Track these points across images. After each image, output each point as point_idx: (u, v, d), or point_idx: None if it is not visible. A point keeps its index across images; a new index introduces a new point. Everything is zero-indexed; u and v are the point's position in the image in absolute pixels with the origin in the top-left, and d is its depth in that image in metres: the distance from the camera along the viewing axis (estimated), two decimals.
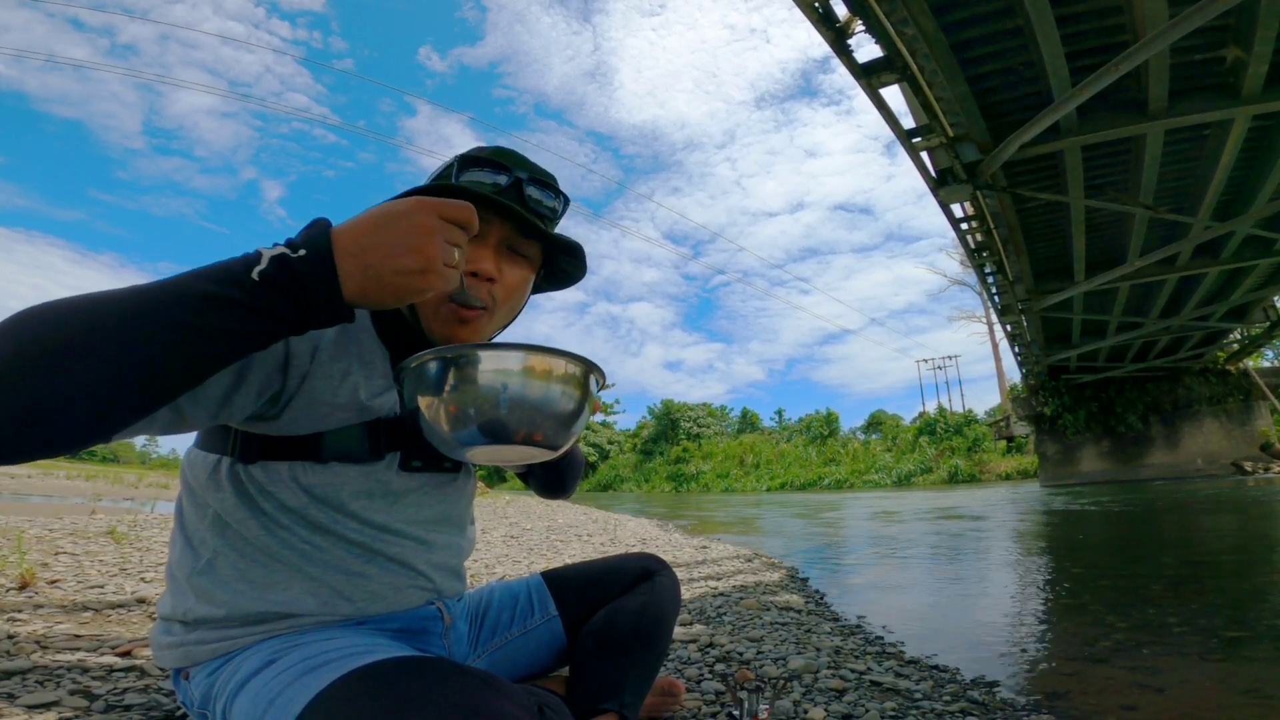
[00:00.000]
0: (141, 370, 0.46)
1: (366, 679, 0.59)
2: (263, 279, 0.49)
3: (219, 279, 0.49)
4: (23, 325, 0.45)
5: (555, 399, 0.61)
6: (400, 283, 0.54)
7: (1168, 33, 3.89)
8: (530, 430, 0.61)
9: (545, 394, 0.61)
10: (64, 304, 0.47)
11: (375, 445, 0.77)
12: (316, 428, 0.74)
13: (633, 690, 0.95)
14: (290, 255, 0.51)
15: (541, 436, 0.62)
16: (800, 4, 4.09)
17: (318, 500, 0.75)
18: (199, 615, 0.73)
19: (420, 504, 0.84)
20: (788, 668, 1.69)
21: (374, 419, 0.77)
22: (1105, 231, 7.91)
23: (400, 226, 0.53)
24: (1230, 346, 14.90)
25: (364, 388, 0.77)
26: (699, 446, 41.97)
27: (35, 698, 1.18)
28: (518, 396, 0.59)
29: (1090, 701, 1.50)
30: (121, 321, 0.45)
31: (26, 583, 2.35)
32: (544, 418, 0.61)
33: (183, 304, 0.47)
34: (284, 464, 0.74)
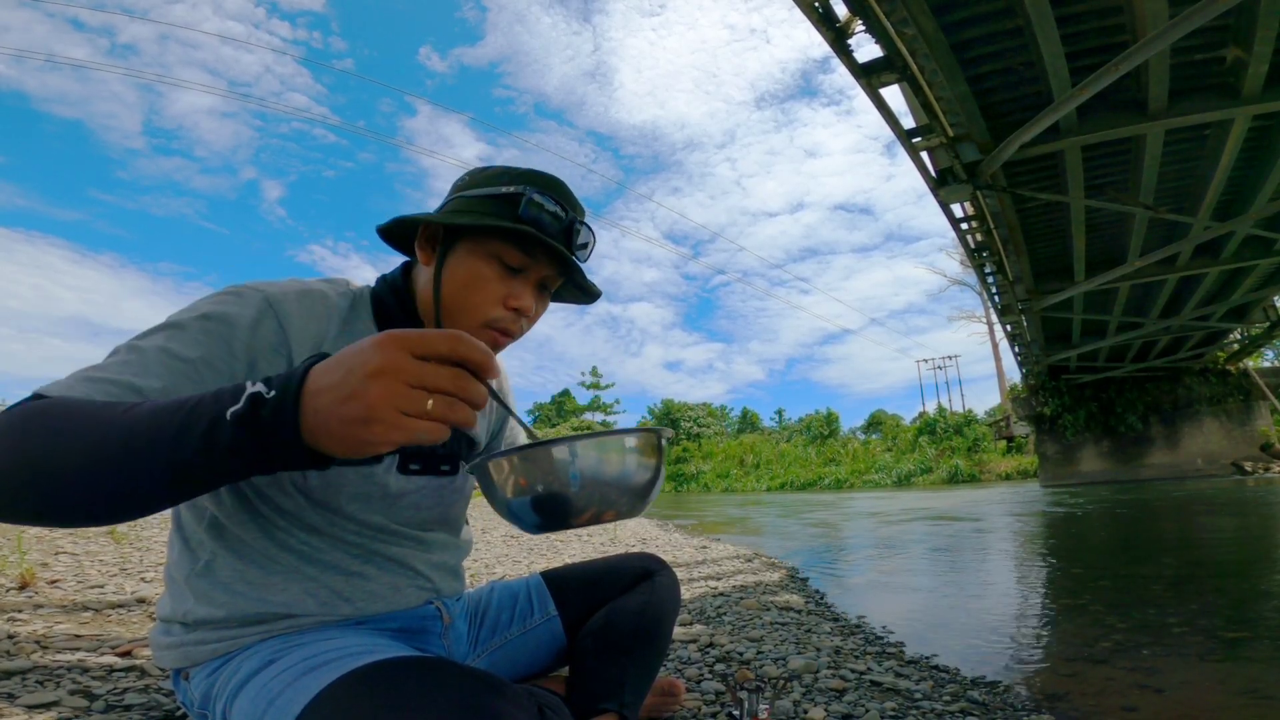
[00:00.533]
0: (133, 496, 0.48)
1: (366, 679, 0.59)
2: (234, 418, 0.46)
3: (196, 419, 0.47)
4: (29, 438, 0.48)
5: (634, 477, 0.63)
6: (344, 433, 0.45)
7: (1168, 33, 3.89)
8: (613, 509, 0.63)
9: (625, 475, 0.62)
10: (66, 425, 0.48)
11: None
12: None
13: (633, 690, 0.95)
14: (263, 395, 0.47)
15: (619, 511, 0.64)
16: (800, 4, 4.09)
17: (315, 503, 0.75)
18: (198, 616, 0.73)
19: (418, 505, 0.84)
20: (788, 668, 1.69)
21: None
22: (1105, 231, 7.91)
23: (351, 364, 0.45)
24: (1230, 346, 14.89)
25: None
26: (699, 446, 41.97)
27: (35, 698, 1.18)
28: (599, 483, 0.61)
29: (1090, 702, 1.50)
30: (114, 457, 0.47)
31: (26, 582, 2.35)
32: (624, 494, 0.63)
33: (170, 445, 0.47)
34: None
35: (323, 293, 0.76)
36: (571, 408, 59.55)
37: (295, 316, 0.72)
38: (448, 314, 0.78)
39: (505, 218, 0.76)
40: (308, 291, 0.75)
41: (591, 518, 0.62)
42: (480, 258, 0.77)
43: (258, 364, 0.69)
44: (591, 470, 0.60)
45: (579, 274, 0.83)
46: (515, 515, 0.61)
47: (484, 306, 0.77)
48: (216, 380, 0.65)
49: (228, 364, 0.66)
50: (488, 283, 0.77)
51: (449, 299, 0.77)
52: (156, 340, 0.64)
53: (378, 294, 0.83)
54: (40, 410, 0.50)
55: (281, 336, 0.71)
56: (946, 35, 4.44)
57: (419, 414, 0.45)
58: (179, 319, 0.67)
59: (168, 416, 0.47)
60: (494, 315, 0.78)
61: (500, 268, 0.77)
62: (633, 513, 0.64)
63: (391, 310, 0.81)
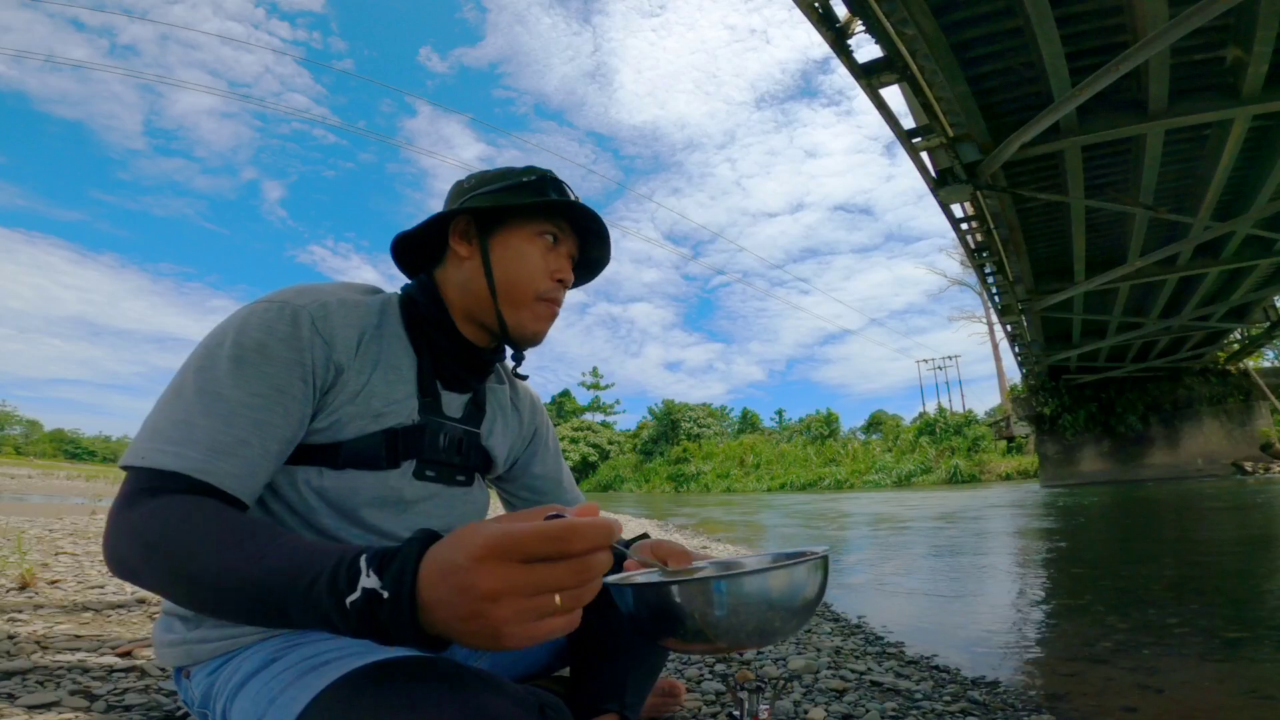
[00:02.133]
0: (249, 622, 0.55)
1: (367, 678, 0.59)
2: (354, 609, 0.46)
3: (316, 602, 0.48)
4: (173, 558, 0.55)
5: (809, 599, 0.66)
6: (476, 643, 0.44)
7: (1167, 33, 3.89)
8: (785, 632, 0.67)
9: (798, 600, 0.65)
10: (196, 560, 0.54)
11: (392, 453, 0.78)
12: (337, 437, 0.75)
13: (634, 691, 0.95)
14: (379, 593, 0.45)
15: (789, 631, 0.68)
16: (800, 4, 4.09)
17: (330, 505, 0.75)
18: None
19: (430, 514, 0.84)
20: (788, 668, 1.69)
21: (392, 427, 0.78)
22: (1105, 231, 7.91)
23: (460, 584, 0.42)
24: (1230, 346, 14.88)
25: (383, 397, 0.78)
26: (699, 447, 41.97)
27: (36, 698, 1.18)
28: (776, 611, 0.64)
29: (1090, 702, 1.50)
30: (242, 607, 0.53)
31: (27, 583, 2.35)
32: (796, 616, 0.66)
33: (295, 614, 0.50)
34: (298, 468, 0.74)
35: (354, 301, 0.79)
36: (571, 408, 59.56)
37: (336, 328, 0.74)
38: (503, 295, 0.82)
39: (536, 199, 0.83)
40: (342, 301, 0.77)
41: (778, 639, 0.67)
42: (523, 238, 0.83)
43: (317, 381, 0.72)
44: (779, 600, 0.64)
45: (599, 244, 0.92)
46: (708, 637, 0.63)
47: (536, 280, 0.83)
48: (295, 406, 0.70)
49: (300, 389, 0.70)
50: (535, 258, 0.84)
51: (502, 280, 0.82)
52: (228, 383, 0.66)
53: (407, 297, 0.86)
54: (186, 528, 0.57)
55: (327, 351, 0.73)
56: (946, 35, 4.44)
57: (548, 614, 0.43)
58: (235, 352, 0.68)
59: (289, 587, 0.50)
60: (545, 288, 0.84)
61: (544, 243, 0.84)
62: (800, 629, 0.69)
63: (423, 310, 0.84)
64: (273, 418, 0.67)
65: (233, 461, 0.64)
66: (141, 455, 0.63)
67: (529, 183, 0.84)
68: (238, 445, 0.64)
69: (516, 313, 0.83)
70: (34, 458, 65.90)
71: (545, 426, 1.06)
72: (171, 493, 0.61)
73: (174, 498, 0.60)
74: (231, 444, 0.64)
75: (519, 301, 0.83)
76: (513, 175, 0.86)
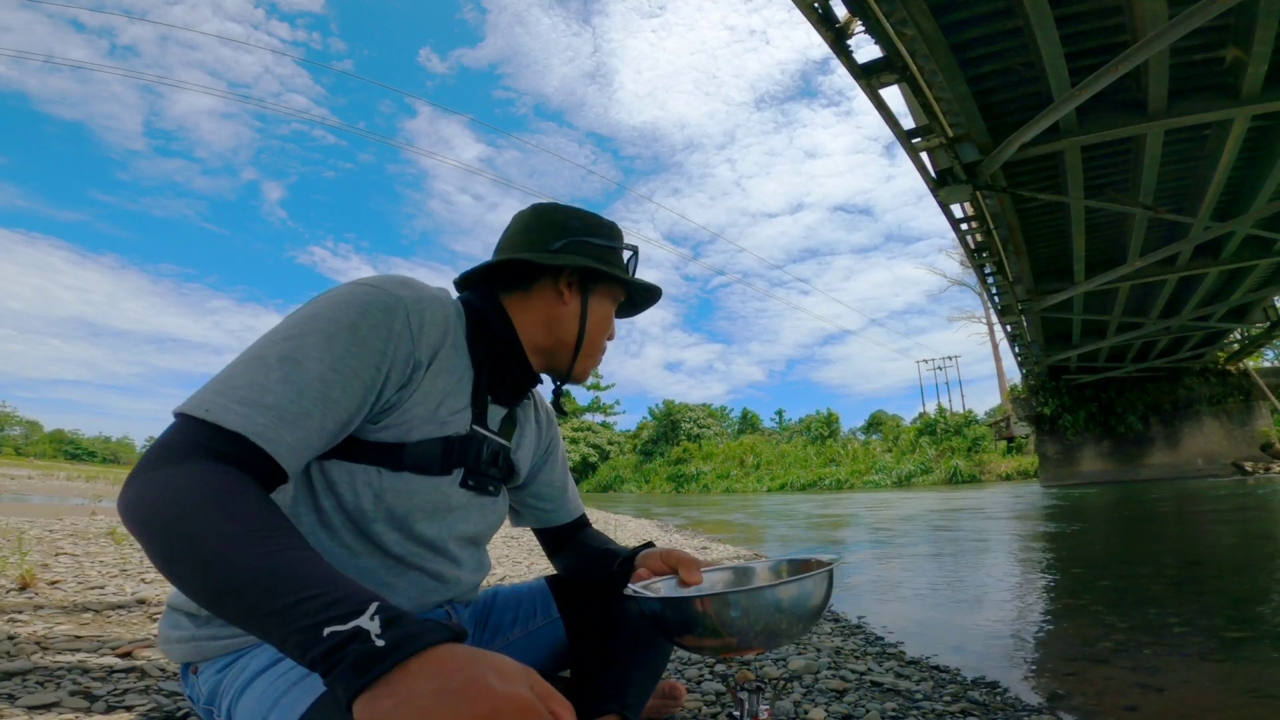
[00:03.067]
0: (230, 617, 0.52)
1: None
2: (330, 637, 0.46)
3: (293, 614, 0.47)
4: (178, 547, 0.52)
5: (815, 608, 0.78)
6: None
7: (1167, 33, 3.89)
8: (793, 635, 0.78)
9: (806, 609, 0.77)
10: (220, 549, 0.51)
11: (447, 460, 0.80)
12: (402, 438, 0.75)
13: (635, 693, 0.95)
14: (373, 639, 0.46)
15: (797, 635, 0.79)
16: (800, 5, 4.09)
17: (384, 506, 0.76)
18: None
19: (464, 520, 0.87)
20: (788, 668, 1.69)
21: (451, 434, 0.80)
22: (1105, 232, 7.91)
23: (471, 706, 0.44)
24: (1230, 346, 14.88)
25: (449, 406, 0.79)
26: (699, 447, 41.95)
27: (36, 699, 1.18)
28: (785, 618, 0.75)
29: (1091, 702, 1.50)
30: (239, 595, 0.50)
31: (27, 584, 2.35)
32: (803, 622, 0.77)
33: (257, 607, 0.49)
34: (359, 466, 0.74)
35: (439, 299, 0.80)
36: (571, 408, 59.52)
37: (426, 326, 0.75)
38: (586, 349, 0.93)
39: (618, 267, 0.94)
40: (436, 299, 0.78)
41: (784, 642, 0.79)
42: (609, 300, 0.95)
43: (392, 374, 0.72)
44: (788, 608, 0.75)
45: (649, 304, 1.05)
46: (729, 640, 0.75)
47: (605, 339, 0.97)
48: (368, 394, 0.70)
49: (372, 376, 0.70)
50: (610, 321, 0.97)
51: (590, 334, 0.93)
52: (314, 355, 0.66)
53: (478, 311, 0.87)
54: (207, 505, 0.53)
55: (411, 347, 0.74)
56: (946, 35, 4.44)
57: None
58: (327, 327, 0.68)
59: (279, 589, 0.49)
60: (606, 346, 0.98)
61: (613, 309, 0.97)
62: (803, 635, 0.84)
63: (496, 329, 0.86)
64: (341, 397, 0.67)
65: (294, 432, 0.63)
66: (206, 408, 0.60)
67: (618, 249, 0.95)
68: (302, 417, 0.64)
69: (585, 361, 0.94)
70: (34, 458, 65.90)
71: (558, 438, 1.11)
72: (220, 456, 0.58)
73: (229, 469, 0.57)
74: (298, 415, 0.64)
75: (590, 353, 0.94)
76: (615, 236, 0.96)
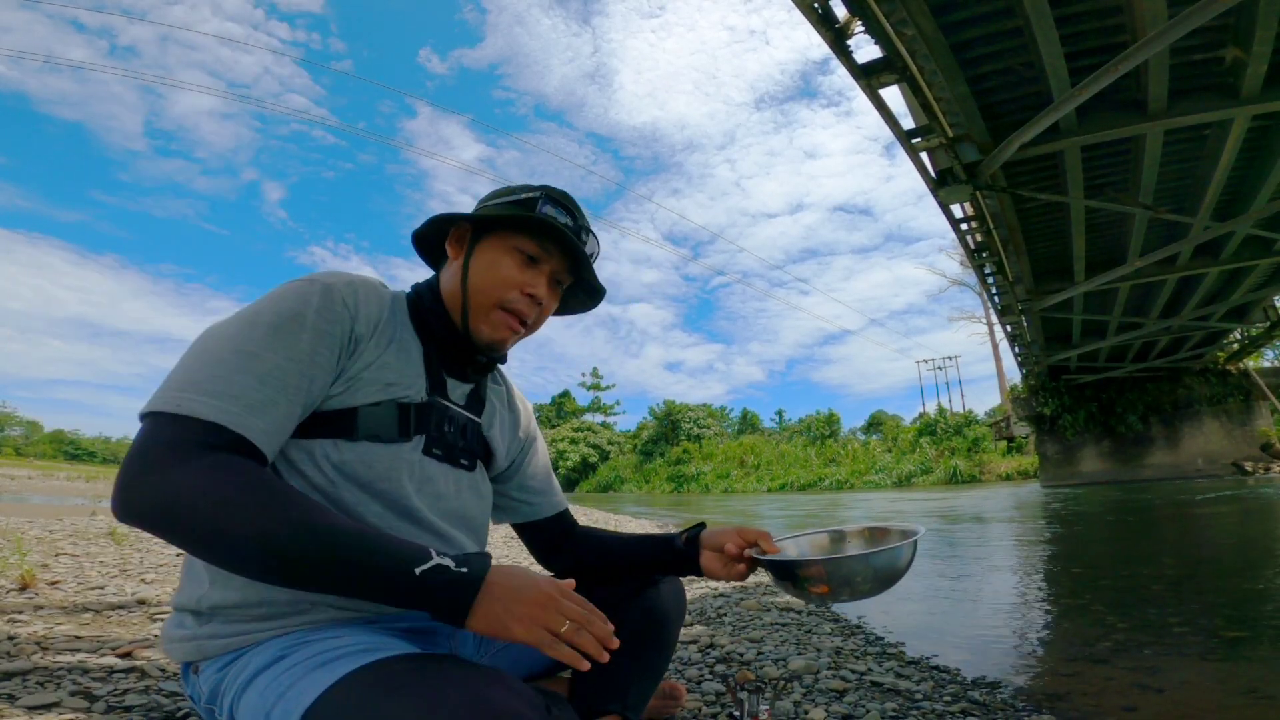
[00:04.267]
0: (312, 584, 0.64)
1: (375, 674, 0.60)
2: (423, 575, 0.62)
3: (388, 567, 0.62)
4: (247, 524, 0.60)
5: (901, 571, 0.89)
6: (503, 619, 0.63)
7: (1167, 33, 3.89)
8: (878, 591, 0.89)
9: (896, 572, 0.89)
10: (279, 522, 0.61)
11: (404, 426, 0.82)
12: (350, 402, 0.78)
13: (637, 693, 0.95)
14: (451, 567, 0.63)
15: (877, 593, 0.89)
16: (800, 5, 4.08)
17: (347, 477, 0.77)
18: (214, 602, 0.73)
19: (442, 494, 0.87)
20: (788, 668, 1.69)
21: (403, 400, 0.82)
22: (1105, 232, 7.90)
23: (530, 595, 0.64)
24: (1230, 346, 14.87)
25: (396, 370, 0.82)
26: (699, 447, 41.94)
27: (36, 699, 1.18)
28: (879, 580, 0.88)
29: (1091, 702, 1.50)
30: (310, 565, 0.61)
31: (27, 584, 2.35)
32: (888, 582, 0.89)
33: (353, 568, 0.62)
34: (316, 441, 0.76)
35: (377, 284, 0.86)
36: (571, 408, 59.56)
37: (362, 304, 0.80)
38: (470, 297, 0.87)
39: (506, 211, 0.87)
40: (366, 282, 0.84)
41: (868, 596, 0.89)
42: (502, 250, 0.88)
43: (342, 353, 0.78)
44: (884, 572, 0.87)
45: (587, 269, 0.92)
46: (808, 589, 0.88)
47: (500, 288, 0.87)
48: (320, 374, 0.74)
49: (325, 359, 0.75)
50: (506, 268, 0.87)
51: (473, 285, 0.87)
52: (266, 346, 0.71)
53: (414, 292, 0.93)
54: (268, 492, 0.62)
55: (352, 324, 0.79)
56: (946, 35, 4.44)
57: (554, 631, 0.63)
58: (272, 320, 0.72)
59: (359, 559, 0.62)
60: (509, 298, 0.87)
61: (519, 258, 0.88)
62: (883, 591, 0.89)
63: (426, 304, 0.90)
64: (301, 382, 0.72)
65: (264, 418, 0.68)
66: (178, 403, 0.64)
67: (524, 199, 0.89)
68: (268, 404, 0.68)
69: (476, 319, 0.88)
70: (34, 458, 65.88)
71: (537, 431, 1.12)
72: (214, 448, 0.63)
73: (231, 458, 0.64)
74: (263, 402, 0.68)
75: (480, 307, 0.87)
76: (519, 192, 0.90)
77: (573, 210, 0.91)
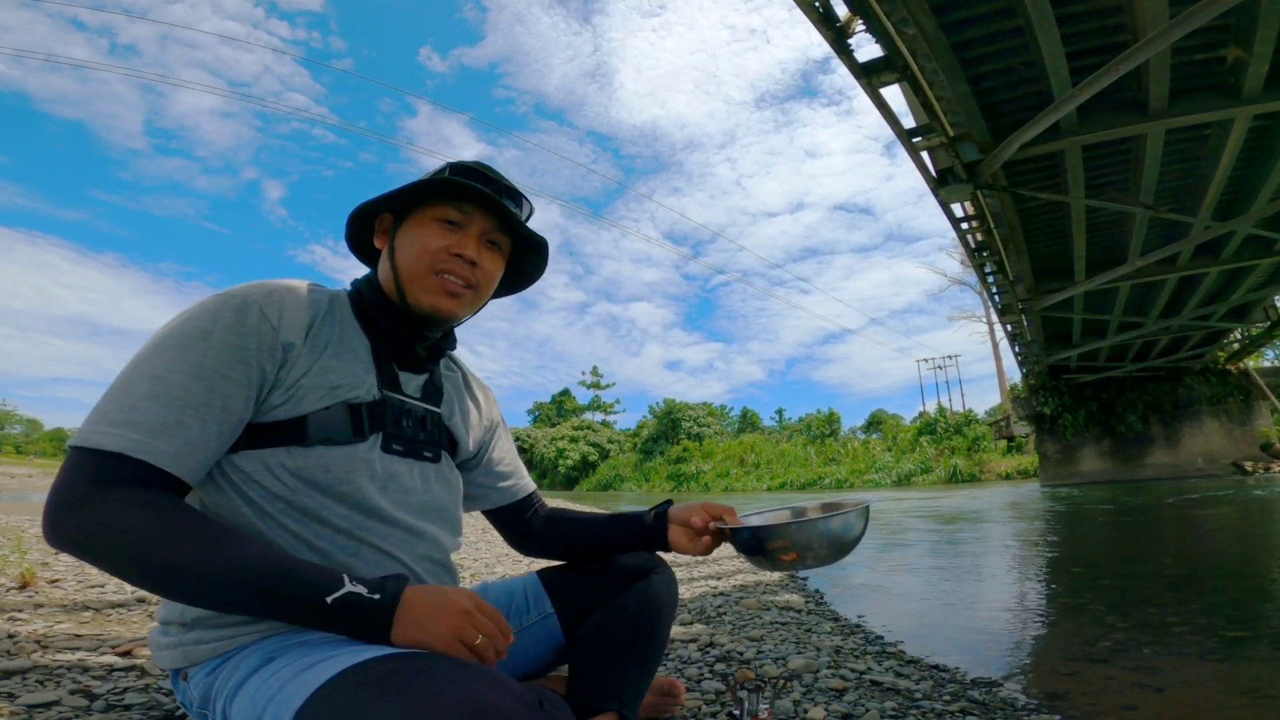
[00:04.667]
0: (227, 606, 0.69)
1: (367, 673, 0.59)
2: (334, 604, 0.65)
3: (301, 595, 0.65)
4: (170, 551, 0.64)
5: (857, 537, 0.95)
6: (418, 636, 0.66)
7: (1168, 33, 3.89)
8: (837, 556, 0.94)
9: (852, 538, 0.94)
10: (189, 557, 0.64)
11: (358, 426, 0.81)
12: (297, 411, 0.77)
13: (632, 690, 0.95)
14: (363, 595, 0.66)
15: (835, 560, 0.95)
16: (800, 4, 4.08)
17: (305, 483, 0.76)
18: (196, 614, 0.73)
19: (407, 490, 0.86)
20: (788, 667, 1.69)
21: (353, 400, 0.81)
22: (1105, 231, 7.90)
23: (445, 614, 0.67)
24: (1230, 346, 14.87)
25: (340, 372, 0.81)
26: (699, 446, 41.93)
27: (35, 697, 1.18)
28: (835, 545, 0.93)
29: (1090, 701, 1.50)
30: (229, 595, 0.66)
31: (27, 582, 2.35)
32: (845, 551, 0.95)
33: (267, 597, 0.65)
34: (268, 451, 0.75)
35: (304, 289, 0.84)
36: (571, 407, 59.57)
37: (286, 311, 0.79)
38: (401, 274, 0.87)
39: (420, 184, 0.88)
40: (291, 289, 0.82)
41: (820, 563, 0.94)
42: (423, 223, 0.88)
43: (265, 365, 0.75)
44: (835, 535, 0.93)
45: (517, 222, 0.91)
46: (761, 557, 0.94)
47: (428, 256, 0.86)
48: (236, 389, 0.73)
49: (242, 373, 0.73)
50: (429, 237, 0.87)
51: (401, 260, 0.87)
52: (172, 367, 0.70)
53: (355, 288, 0.93)
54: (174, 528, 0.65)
55: (274, 334, 0.77)
56: (947, 35, 4.44)
57: (469, 642, 0.67)
58: (179, 340, 0.72)
59: (275, 584, 0.65)
60: (439, 262, 0.87)
61: (441, 226, 0.88)
62: (835, 561, 0.95)
63: (366, 297, 0.90)
64: (212, 399, 0.71)
65: (170, 441, 0.68)
66: (85, 436, 0.66)
67: (434, 173, 0.90)
68: (175, 426, 0.68)
69: (412, 291, 0.87)
70: (34, 457, 65.92)
71: (500, 416, 1.12)
72: (125, 482, 0.65)
73: (142, 492, 0.66)
74: (169, 424, 0.68)
75: (412, 277, 0.87)
76: (466, 162, 0.92)
77: (487, 174, 0.92)
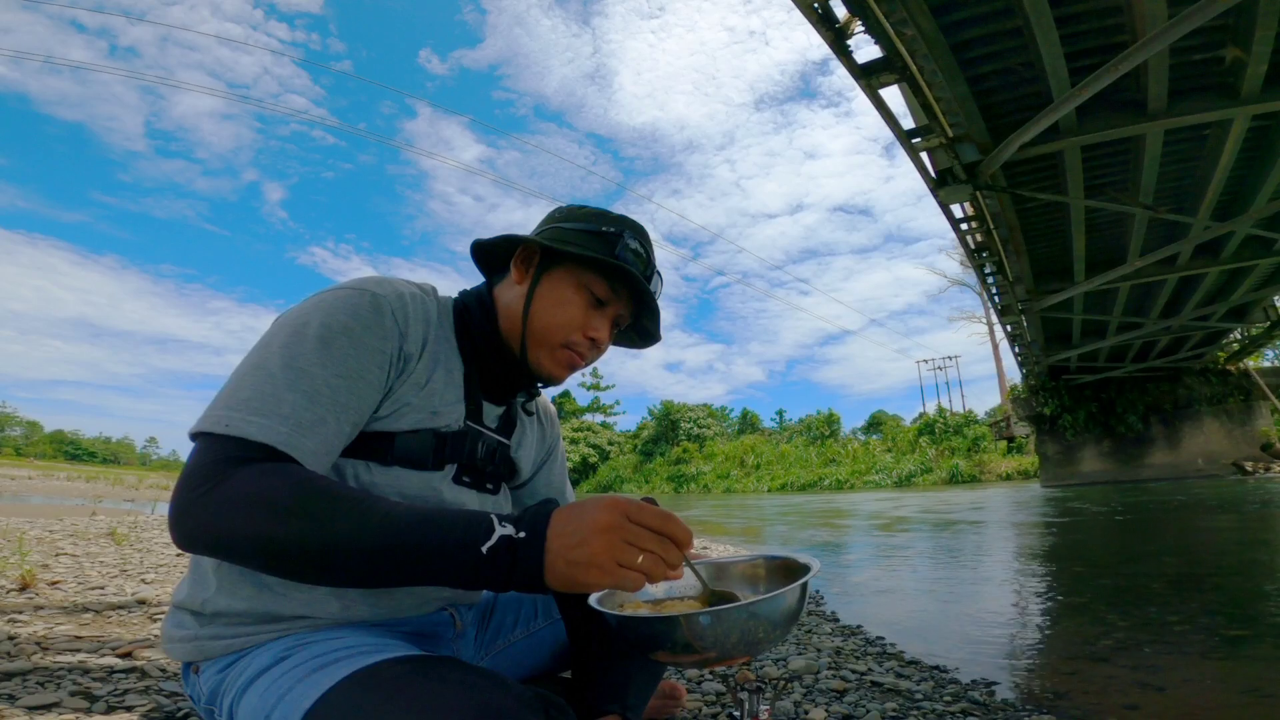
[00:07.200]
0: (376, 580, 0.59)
1: (375, 676, 0.60)
2: (489, 553, 0.56)
3: (454, 547, 0.57)
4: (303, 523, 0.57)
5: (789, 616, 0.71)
6: (567, 573, 0.56)
7: (1167, 33, 3.89)
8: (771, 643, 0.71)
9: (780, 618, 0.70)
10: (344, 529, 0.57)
11: (439, 455, 0.80)
12: (391, 427, 0.76)
13: (637, 693, 0.95)
14: (513, 537, 0.57)
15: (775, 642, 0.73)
16: (800, 4, 4.08)
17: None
18: (217, 607, 0.72)
19: None
20: (788, 668, 1.69)
21: (441, 429, 0.80)
22: (1105, 231, 7.90)
23: (584, 518, 0.57)
24: (1230, 346, 14.86)
25: (440, 396, 0.80)
26: (699, 447, 41.92)
27: (36, 699, 1.18)
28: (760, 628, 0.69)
29: (1091, 701, 1.50)
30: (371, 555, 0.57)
31: (27, 584, 2.35)
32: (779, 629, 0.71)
33: (420, 554, 0.57)
34: (348, 461, 0.75)
35: (422, 297, 0.82)
36: (571, 408, 59.54)
37: (411, 320, 0.77)
38: (532, 330, 0.84)
39: (601, 254, 0.82)
40: (413, 295, 0.80)
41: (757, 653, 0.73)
42: (571, 286, 0.84)
43: (391, 370, 0.74)
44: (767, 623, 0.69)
45: (651, 318, 0.90)
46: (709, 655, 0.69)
47: (566, 329, 0.84)
48: (370, 391, 0.71)
49: (376, 376, 0.72)
50: (573, 308, 0.84)
51: (536, 316, 0.84)
52: (316, 362, 0.68)
53: (462, 304, 0.88)
54: (314, 493, 0.59)
55: (401, 341, 0.76)
56: (946, 35, 4.44)
57: (629, 565, 0.56)
58: (322, 333, 0.69)
59: (427, 537, 0.57)
60: (573, 340, 0.85)
61: (588, 298, 0.84)
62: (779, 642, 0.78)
63: (475, 322, 0.86)
64: (350, 400, 0.69)
65: (313, 438, 0.65)
66: (225, 423, 0.62)
67: (605, 234, 0.84)
68: (318, 423, 0.66)
69: (537, 350, 0.84)
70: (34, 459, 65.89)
71: (559, 438, 1.10)
72: (260, 463, 0.61)
73: (276, 465, 0.61)
74: (313, 421, 0.66)
75: (543, 342, 0.84)
76: (599, 221, 0.85)
77: (649, 251, 0.87)
